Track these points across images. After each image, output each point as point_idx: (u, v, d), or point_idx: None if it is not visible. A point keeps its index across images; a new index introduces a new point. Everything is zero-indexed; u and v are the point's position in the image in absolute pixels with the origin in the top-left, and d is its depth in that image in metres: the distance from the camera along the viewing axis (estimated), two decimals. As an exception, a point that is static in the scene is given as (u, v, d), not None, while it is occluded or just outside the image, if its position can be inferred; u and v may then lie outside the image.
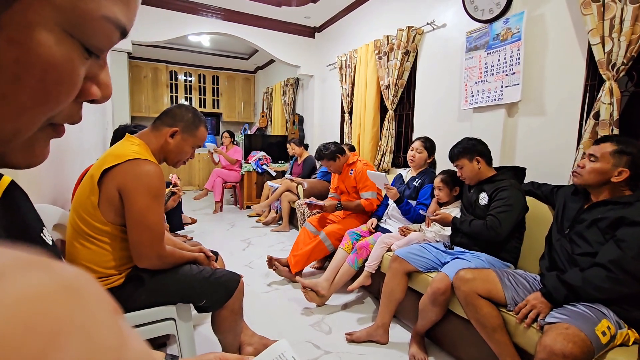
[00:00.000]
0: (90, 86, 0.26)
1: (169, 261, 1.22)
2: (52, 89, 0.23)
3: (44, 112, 0.24)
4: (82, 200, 1.13)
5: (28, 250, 0.13)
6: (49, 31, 0.21)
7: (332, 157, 2.64)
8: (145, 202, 1.10)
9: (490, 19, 2.21)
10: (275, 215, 4.21)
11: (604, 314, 1.15)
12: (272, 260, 2.47)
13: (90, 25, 0.23)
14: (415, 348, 1.66)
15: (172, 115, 1.26)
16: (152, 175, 1.11)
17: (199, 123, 1.30)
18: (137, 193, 1.09)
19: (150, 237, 1.12)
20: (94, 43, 0.24)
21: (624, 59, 1.59)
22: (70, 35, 0.23)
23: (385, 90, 3.27)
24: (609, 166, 1.32)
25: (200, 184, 6.73)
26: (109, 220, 1.12)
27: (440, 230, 2.00)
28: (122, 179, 1.09)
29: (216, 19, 4.19)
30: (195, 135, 1.29)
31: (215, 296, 1.27)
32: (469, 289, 1.39)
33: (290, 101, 5.63)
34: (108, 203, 1.10)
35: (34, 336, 0.10)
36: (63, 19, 0.22)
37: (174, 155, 1.28)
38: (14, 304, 0.11)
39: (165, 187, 1.17)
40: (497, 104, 2.20)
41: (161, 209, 1.15)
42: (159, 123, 1.26)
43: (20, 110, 0.23)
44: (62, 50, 0.22)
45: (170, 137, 1.24)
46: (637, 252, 1.16)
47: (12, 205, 0.40)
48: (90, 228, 1.12)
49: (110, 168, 1.09)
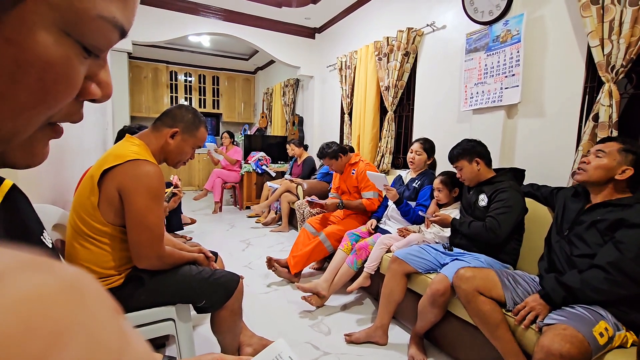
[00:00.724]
0: (90, 85, 0.27)
1: (169, 262, 1.22)
2: (51, 88, 0.23)
3: (43, 112, 0.24)
4: (82, 200, 1.13)
5: (29, 251, 0.14)
6: (46, 31, 0.22)
7: (334, 156, 2.65)
8: (144, 203, 1.10)
9: (490, 21, 2.21)
10: (274, 215, 4.21)
11: (601, 316, 1.16)
12: (271, 261, 2.47)
13: (87, 24, 0.23)
14: (414, 349, 1.66)
15: (173, 116, 1.27)
16: (152, 175, 1.11)
17: (199, 123, 1.31)
18: (137, 194, 1.09)
19: (150, 237, 1.13)
20: (92, 42, 0.24)
21: (623, 61, 1.59)
22: (67, 35, 0.23)
23: (385, 91, 3.27)
24: (615, 163, 1.34)
25: (200, 185, 6.73)
26: (109, 220, 1.12)
27: (440, 231, 2.00)
28: (122, 180, 1.09)
29: (216, 20, 4.20)
30: (195, 136, 1.30)
31: (215, 297, 1.27)
32: (470, 287, 1.39)
33: (290, 102, 5.64)
34: (108, 203, 1.10)
35: (35, 337, 0.11)
36: (60, 18, 0.22)
37: (175, 156, 1.29)
38: (16, 305, 0.11)
39: (164, 187, 1.18)
40: (497, 105, 2.20)
41: (161, 210, 1.15)
42: (159, 124, 1.26)
43: (19, 110, 0.23)
44: (61, 49, 0.23)
45: (170, 138, 1.25)
46: (635, 254, 1.17)
47: (13, 208, 0.40)
48: (89, 228, 1.12)
49: (111, 168, 1.09)
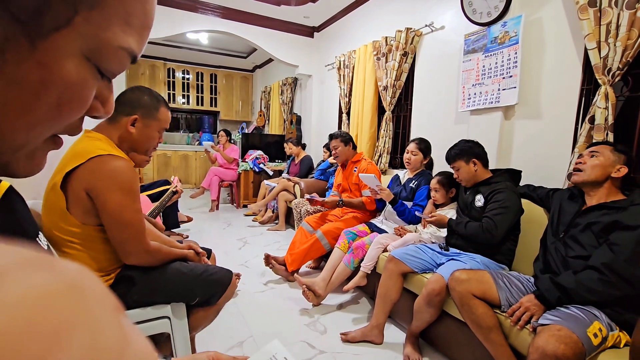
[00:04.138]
0: (96, 103, 0.29)
1: (157, 257, 1.19)
2: (67, 107, 0.26)
3: (55, 126, 0.27)
4: (50, 208, 1.07)
5: (30, 248, 0.14)
6: (72, 56, 0.24)
7: (345, 140, 2.67)
8: (117, 200, 1.04)
9: (488, 22, 2.22)
10: (271, 214, 4.21)
11: (596, 316, 1.17)
12: (269, 258, 2.47)
13: (107, 52, 0.26)
14: (410, 348, 1.67)
15: (128, 102, 1.16)
16: (121, 170, 1.04)
17: (158, 104, 1.20)
18: (108, 192, 1.02)
19: (131, 234, 1.08)
20: (108, 67, 0.27)
21: (619, 64, 1.61)
22: (88, 60, 0.25)
23: (383, 91, 3.28)
24: (610, 162, 1.38)
25: (196, 182, 6.70)
26: (82, 221, 1.06)
27: (436, 231, 2.01)
28: (89, 180, 1.02)
29: (215, 17, 4.18)
30: (157, 118, 1.20)
31: (209, 293, 1.26)
32: (464, 290, 1.40)
33: (288, 101, 5.63)
34: (77, 205, 1.04)
35: (36, 336, 0.11)
36: (85, 45, 0.25)
37: (142, 144, 1.20)
38: (17, 304, 0.11)
39: (137, 180, 1.11)
40: (494, 106, 2.21)
41: (137, 204, 1.09)
42: (115, 114, 1.14)
43: (34, 124, 0.25)
44: (81, 72, 0.25)
45: (131, 127, 1.16)
46: (629, 256, 1.18)
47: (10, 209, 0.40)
48: (65, 233, 1.06)
49: (74, 169, 1.01)
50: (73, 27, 0.23)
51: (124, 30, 0.26)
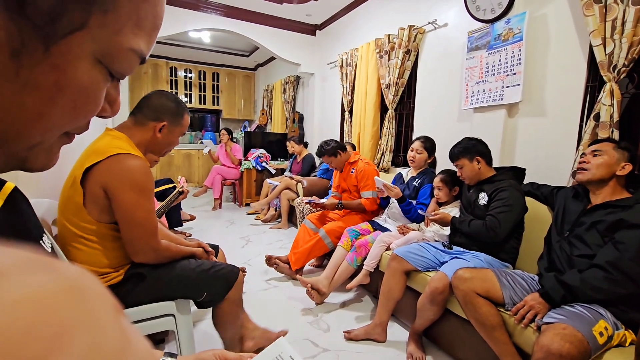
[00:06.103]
0: (104, 104, 0.30)
1: (166, 255, 1.21)
2: (81, 109, 0.27)
3: (68, 126, 0.28)
4: (66, 202, 1.10)
5: (32, 249, 0.14)
6: (85, 59, 0.25)
7: (333, 153, 2.65)
8: (131, 199, 1.06)
9: (492, 19, 2.21)
10: (274, 212, 4.22)
11: (601, 315, 1.16)
12: (271, 258, 2.48)
13: (118, 55, 0.26)
14: (413, 347, 1.67)
15: (155, 108, 1.22)
16: (137, 170, 1.07)
17: (183, 111, 1.27)
18: (123, 190, 1.05)
19: (142, 232, 1.10)
20: (119, 69, 0.28)
21: (625, 60, 1.59)
22: (100, 62, 0.26)
23: (385, 89, 3.27)
24: (615, 159, 1.37)
25: (199, 181, 6.73)
26: (97, 219, 1.09)
27: (439, 229, 2.01)
28: (106, 177, 1.05)
29: (217, 16, 4.18)
30: (181, 124, 1.28)
31: (215, 289, 1.27)
32: (468, 288, 1.40)
33: (290, 99, 5.63)
34: (93, 202, 1.07)
35: (37, 337, 0.11)
36: (98, 48, 0.25)
37: (162, 148, 1.26)
38: (16, 306, 0.11)
39: (152, 180, 1.14)
40: (498, 104, 2.20)
41: (150, 204, 1.12)
42: (142, 117, 1.21)
43: (51, 125, 0.26)
44: (93, 75, 0.26)
45: (159, 132, 1.21)
46: (634, 254, 1.17)
47: (15, 211, 0.40)
48: (79, 229, 1.09)
49: (93, 166, 1.05)
50: (87, 30, 0.24)
51: (135, 32, 0.26)
